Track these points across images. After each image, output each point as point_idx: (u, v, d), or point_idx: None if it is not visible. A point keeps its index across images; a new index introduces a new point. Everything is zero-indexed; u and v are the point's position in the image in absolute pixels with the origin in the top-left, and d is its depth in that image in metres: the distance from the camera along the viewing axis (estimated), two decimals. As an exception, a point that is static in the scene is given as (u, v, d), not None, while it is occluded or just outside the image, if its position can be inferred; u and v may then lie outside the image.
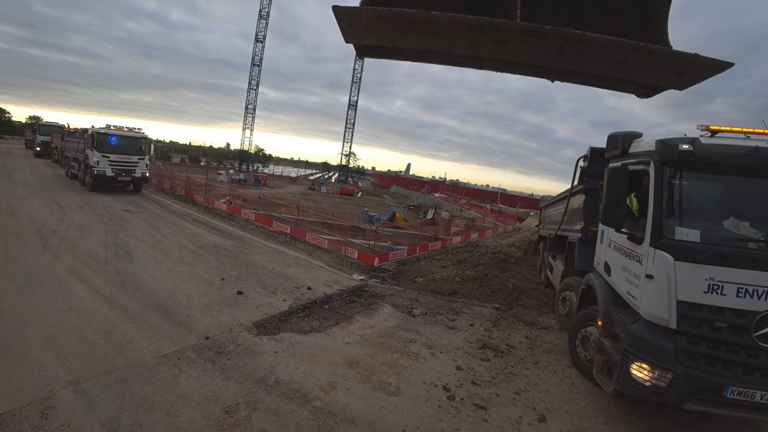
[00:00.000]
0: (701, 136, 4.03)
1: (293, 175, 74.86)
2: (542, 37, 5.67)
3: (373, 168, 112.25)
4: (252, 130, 57.75)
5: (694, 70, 6.02)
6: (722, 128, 4.10)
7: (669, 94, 7.11)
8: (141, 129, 18.13)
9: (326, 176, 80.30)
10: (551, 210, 10.41)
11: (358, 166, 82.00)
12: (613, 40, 5.51)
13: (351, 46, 7.17)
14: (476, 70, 8.26)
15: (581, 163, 6.86)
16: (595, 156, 6.49)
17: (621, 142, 4.98)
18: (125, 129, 17.57)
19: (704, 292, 3.62)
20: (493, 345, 6.07)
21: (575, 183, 7.21)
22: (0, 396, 3.69)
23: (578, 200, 7.02)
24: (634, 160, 4.47)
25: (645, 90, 7.29)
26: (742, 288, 3.55)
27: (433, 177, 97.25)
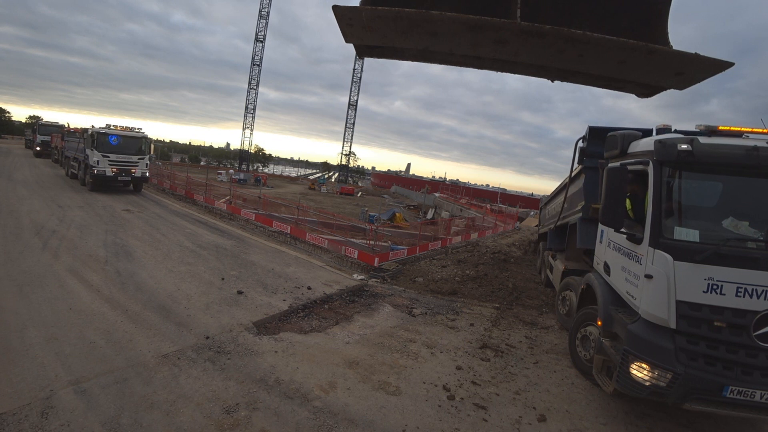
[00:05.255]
0: (700, 136, 4.03)
1: (293, 174, 74.87)
2: (542, 37, 5.68)
3: (373, 168, 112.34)
4: (252, 130, 57.69)
5: (694, 69, 6.03)
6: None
7: (666, 95, 7.12)
8: (141, 129, 18.14)
9: (326, 176, 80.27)
10: (551, 205, 10.44)
11: (358, 165, 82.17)
12: (613, 40, 5.52)
13: (351, 46, 7.18)
14: (475, 71, 8.28)
15: (581, 144, 6.84)
16: (593, 136, 6.48)
17: (620, 142, 4.97)
18: (125, 129, 17.57)
19: (703, 291, 3.63)
20: (493, 345, 6.07)
21: (575, 164, 7.19)
22: (0, 396, 3.70)
23: (578, 183, 7.02)
24: (633, 161, 4.47)
25: (645, 90, 7.30)
26: (742, 287, 3.55)
27: (433, 177, 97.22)
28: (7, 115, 66.52)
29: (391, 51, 7.43)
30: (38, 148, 30.72)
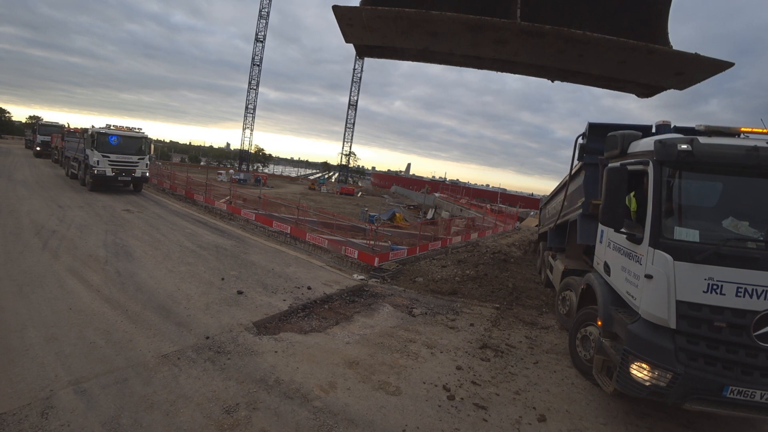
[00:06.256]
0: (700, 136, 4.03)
1: (293, 174, 74.84)
2: (542, 37, 5.68)
3: (373, 168, 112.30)
4: (252, 130, 57.65)
5: (694, 69, 6.03)
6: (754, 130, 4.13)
7: (666, 95, 7.13)
8: (141, 129, 18.14)
9: (326, 176, 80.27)
10: (550, 205, 10.44)
11: (358, 165, 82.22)
12: (613, 40, 5.52)
13: (351, 46, 7.18)
14: (475, 71, 8.29)
15: (580, 141, 6.83)
16: (593, 132, 6.47)
17: (620, 142, 4.97)
18: (125, 129, 17.56)
19: (703, 291, 3.63)
20: (493, 345, 6.07)
21: (575, 161, 7.18)
22: (0, 396, 3.70)
23: (578, 180, 7.03)
24: (633, 161, 4.47)
25: (645, 90, 7.30)
26: (742, 287, 3.55)
27: (433, 177, 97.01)
28: (7, 115, 66.50)
29: (391, 51, 7.44)
30: (38, 149, 30.71)
